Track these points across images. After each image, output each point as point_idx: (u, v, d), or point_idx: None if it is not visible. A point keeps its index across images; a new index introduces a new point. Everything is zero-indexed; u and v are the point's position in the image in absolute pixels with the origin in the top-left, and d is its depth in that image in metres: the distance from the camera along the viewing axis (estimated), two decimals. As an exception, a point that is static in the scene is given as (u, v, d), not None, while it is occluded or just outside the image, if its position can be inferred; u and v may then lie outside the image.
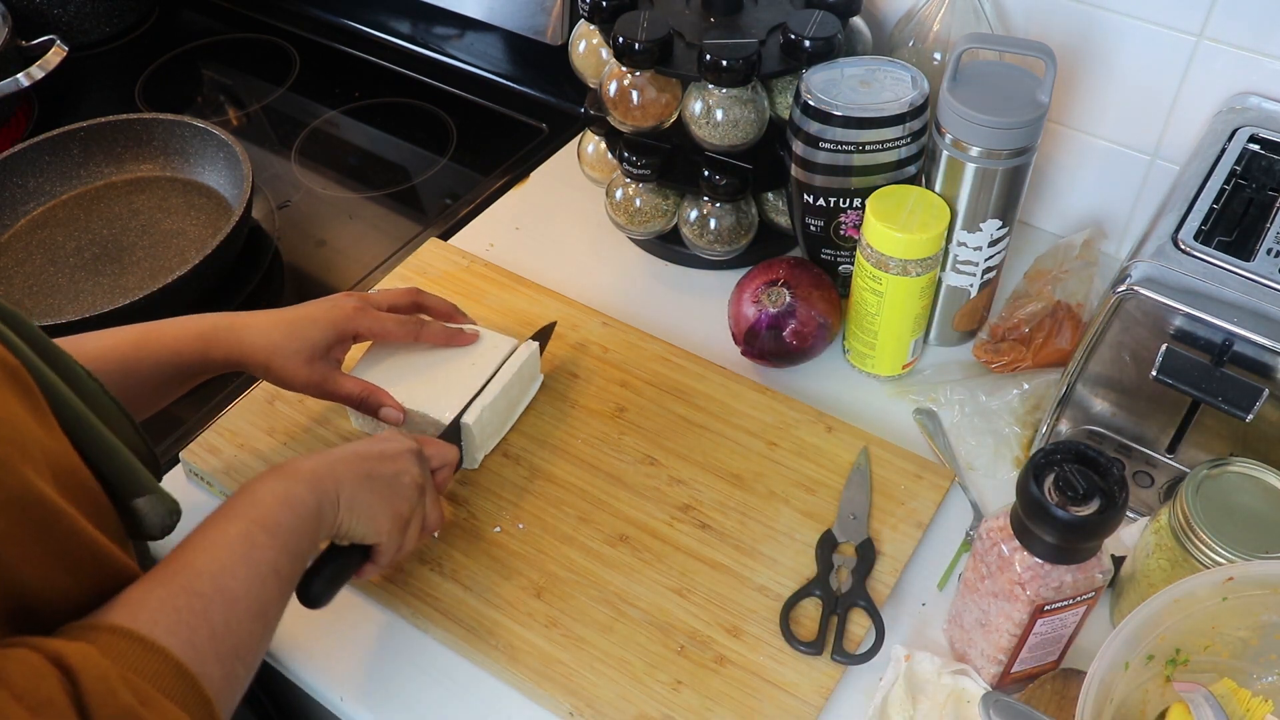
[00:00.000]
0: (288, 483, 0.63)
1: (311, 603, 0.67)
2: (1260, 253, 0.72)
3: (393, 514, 0.69)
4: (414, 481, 0.71)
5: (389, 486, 0.69)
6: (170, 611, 0.52)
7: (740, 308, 0.91)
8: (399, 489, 0.70)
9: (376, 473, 0.69)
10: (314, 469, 0.65)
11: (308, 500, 0.63)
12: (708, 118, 0.90)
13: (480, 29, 1.31)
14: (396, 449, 0.71)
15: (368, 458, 0.69)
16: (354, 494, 0.66)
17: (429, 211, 1.18)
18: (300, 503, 0.62)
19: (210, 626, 0.53)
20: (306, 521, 0.62)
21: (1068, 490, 0.60)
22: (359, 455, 0.69)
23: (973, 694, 0.70)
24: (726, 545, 0.80)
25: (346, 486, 0.66)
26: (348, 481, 0.66)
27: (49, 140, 1.16)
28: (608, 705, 0.72)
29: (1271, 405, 0.68)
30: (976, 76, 0.83)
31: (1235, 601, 0.62)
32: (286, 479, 0.63)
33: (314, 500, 0.63)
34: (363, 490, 0.67)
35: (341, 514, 0.65)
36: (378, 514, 0.68)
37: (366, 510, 0.67)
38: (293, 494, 0.62)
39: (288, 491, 0.62)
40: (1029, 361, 0.91)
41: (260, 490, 0.62)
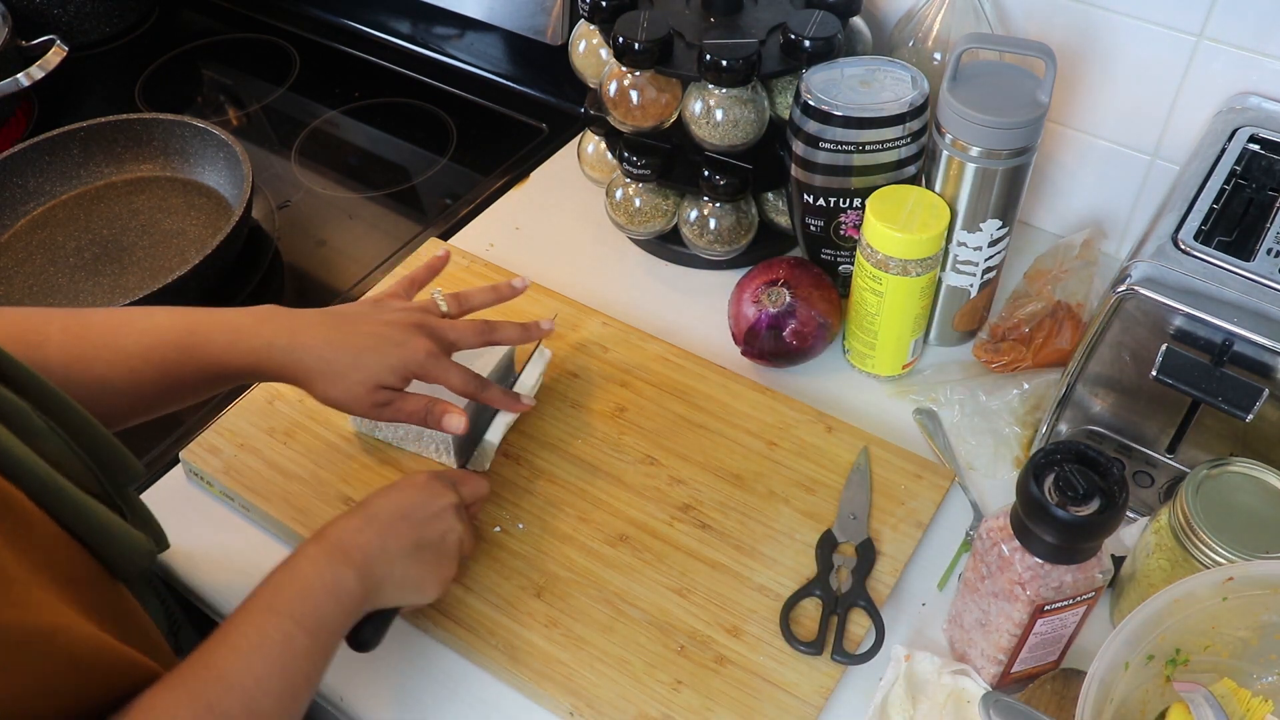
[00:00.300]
0: (338, 570, 0.60)
1: (361, 648, 0.66)
2: (1260, 253, 0.72)
3: (440, 580, 0.69)
4: (459, 539, 0.70)
5: (437, 553, 0.68)
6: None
7: (740, 308, 0.91)
8: (446, 552, 0.69)
9: (425, 540, 0.67)
10: (366, 549, 0.63)
11: (356, 592, 0.61)
12: (708, 118, 0.90)
13: (480, 29, 1.31)
14: (440, 505, 0.69)
15: (415, 522, 0.67)
16: (405, 570, 0.65)
17: (429, 211, 1.18)
18: (349, 595, 0.60)
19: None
20: (351, 613, 0.61)
21: (1068, 490, 0.60)
22: (406, 519, 0.66)
23: (973, 694, 0.70)
24: (726, 545, 0.80)
25: (398, 565, 0.64)
26: (399, 559, 0.65)
27: (49, 140, 1.16)
28: (608, 705, 0.72)
29: (1271, 405, 0.68)
30: (976, 76, 0.83)
31: (1235, 601, 0.62)
32: (337, 563, 0.61)
33: (362, 590, 0.61)
34: (413, 564, 0.66)
35: (387, 591, 0.64)
36: (426, 585, 0.67)
37: (415, 584, 0.66)
38: (342, 585, 0.60)
39: (337, 582, 0.60)
40: (1029, 361, 0.91)
41: (308, 574, 0.59)
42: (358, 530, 0.64)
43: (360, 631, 0.66)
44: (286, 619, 0.56)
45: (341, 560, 0.61)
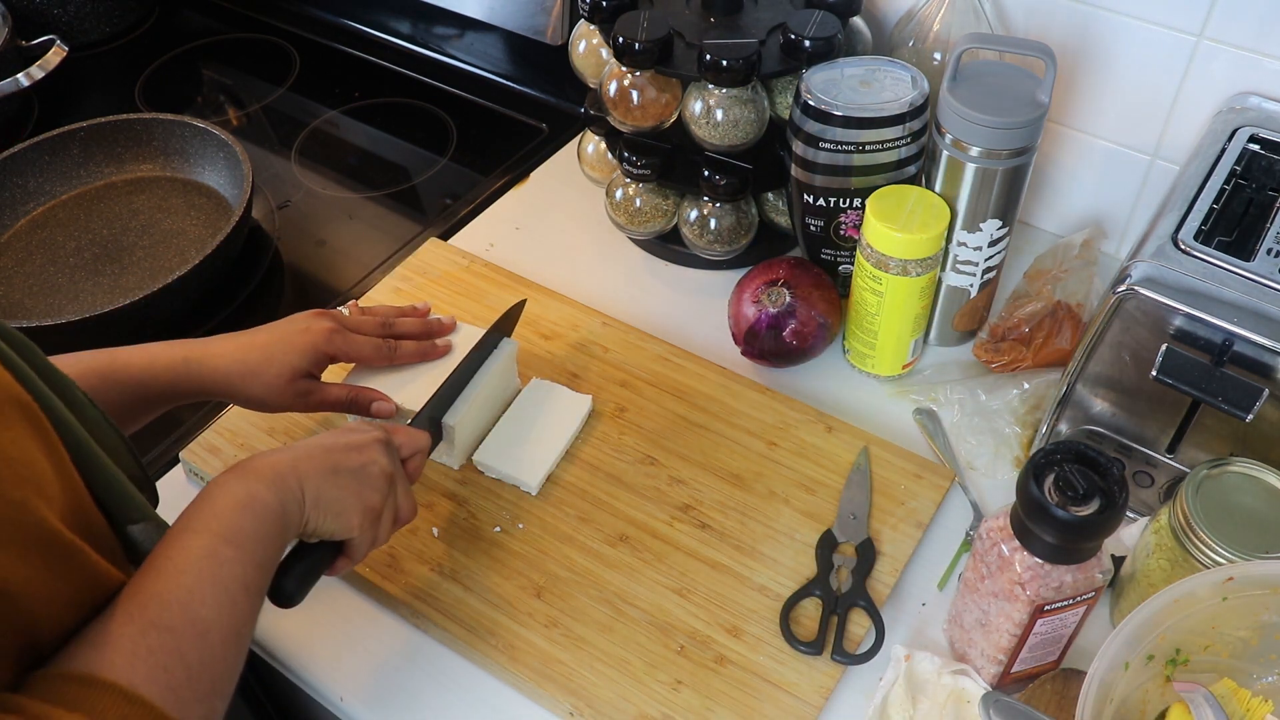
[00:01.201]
0: (249, 484, 0.60)
1: (284, 602, 0.64)
2: (1260, 253, 0.72)
3: (363, 507, 0.66)
4: (383, 471, 0.68)
5: (357, 479, 0.66)
6: (144, 654, 0.49)
7: (740, 308, 0.91)
8: (368, 480, 0.67)
9: (343, 465, 0.66)
10: (275, 466, 0.62)
11: (270, 502, 0.60)
12: (708, 118, 0.90)
13: (480, 29, 1.31)
14: (363, 439, 0.68)
15: (333, 450, 0.66)
16: (320, 489, 0.63)
17: (429, 211, 1.18)
18: (263, 506, 0.59)
19: (186, 666, 0.51)
20: (271, 526, 0.59)
21: (1068, 490, 0.60)
22: (324, 448, 0.66)
23: (973, 694, 0.70)
24: (726, 545, 0.80)
25: (311, 482, 0.63)
26: (312, 477, 0.63)
27: (49, 140, 1.16)
28: (608, 705, 0.72)
29: (1271, 405, 0.68)
30: (976, 76, 0.83)
31: (1235, 601, 0.62)
32: (247, 480, 0.60)
33: (277, 501, 0.60)
34: (329, 485, 0.64)
35: (308, 512, 0.62)
36: (347, 508, 0.65)
37: (335, 505, 0.64)
38: (255, 497, 0.59)
39: (249, 495, 0.59)
40: (1029, 361, 0.91)
41: (220, 496, 0.59)
42: (270, 454, 0.63)
43: (283, 584, 0.63)
44: (205, 534, 0.56)
45: (251, 476, 0.60)
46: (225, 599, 0.54)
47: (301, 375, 0.78)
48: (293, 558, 0.65)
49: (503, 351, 0.87)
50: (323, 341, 0.78)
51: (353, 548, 0.67)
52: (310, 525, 0.63)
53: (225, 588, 0.55)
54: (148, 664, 0.49)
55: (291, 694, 0.83)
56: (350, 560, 0.68)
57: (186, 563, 0.54)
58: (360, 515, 0.66)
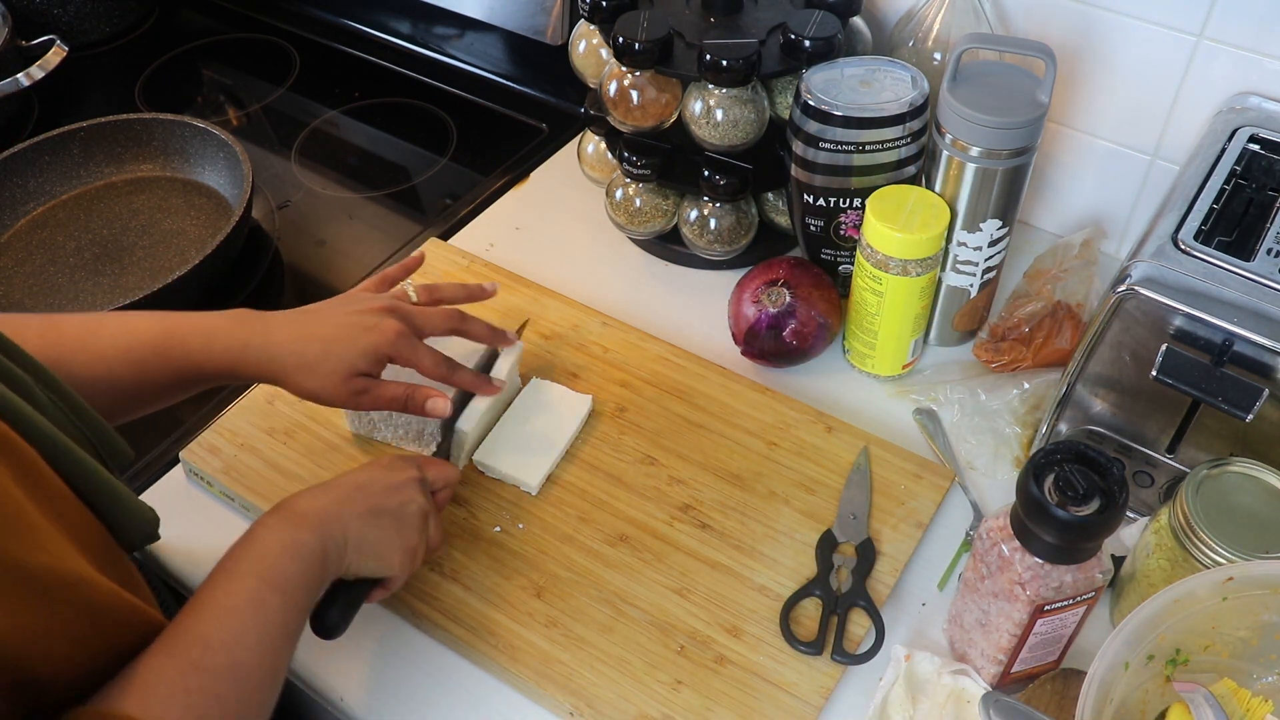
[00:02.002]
0: (294, 531, 0.61)
1: (327, 634, 0.66)
2: (1260, 253, 0.72)
3: (403, 548, 0.68)
4: (420, 510, 0.70)
5: (396, 520, 0.68)
6: (182, 694, 0.50)
7: (740, 308, 0.91)
8: (406, 520, 0.69)
9: (383, 508, 0.67)
10: (320, 513, 0.63)
11: (315, 548, 0.61)
12: (708, 118, 0.90)
13: (480, 29, 1.31)
14: (400, 479, 0.70)
15: (372, 491, 0.67)
16: (362, 534, 0.65)
17: (429, 211, 1.18)
18: (309, 552, 0.60)
19: (223, 708, 0.51)
20: (314, 572, 0.61)
21: (1068, 490, 0.60)
22: (362, 489, 0.67)
23: (973, 694, 0.70)
24: (726, 545, 0.80)
25: (354, 527, 0.64)
26: (354, 522, 0.65)
27: (49, 140, 1.16)
28: (608, 705, 0.72)
29: (1271, 405, 0.68)
30: (976, 76, 0.83)
31: (1235, 601, 0.62)
32: (293, 526, 0.61)
33: (320, 547, 0.61)
34: (371, 528, 0.65)
35: (349, 557, 0.64)
36: (387, 551, 0.67)
37: (375, 549, 0.66)
38: (300, 543, 0.60)
39: (295, 541, 0.60)
40: (1029, 361, 0.91)
41: (266, 539, 0.60)
42: (312, 497, 0.64)
43: (325, 615, 0.65)
44: (252, 579, 0.57)
45: (296, 523, 0.61)
46: (267, 644, 0.56)
47: (358, 374, 0.74)
48: (333, 592, 0.66)
49: (510, 355, 0.87)
50: (387, 345, 0.74)
51: (391, 580, 0.69)
52: (352, 568, 0.65)
53: (268, 634, 0.56)
54: (184, 704, 0.50)
55: (291, 694, 0.83)
56: (386, 590, 0.69)
57: (232, 606, 0.55)
58: (400, 555, 0.68)
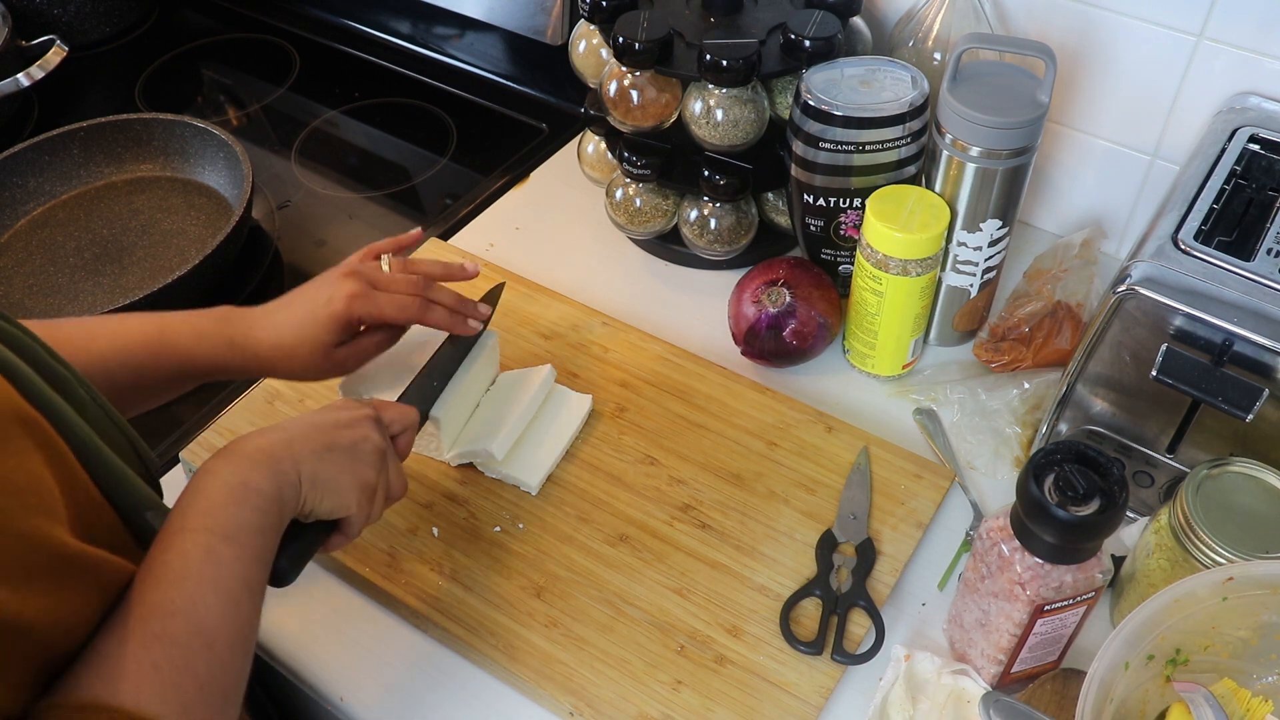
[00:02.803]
0: (242, 471, 0.58)
1: (278, 581, 0.62)
2: (1260, 253, 0.72)
3: (359, 485, 0.65)
4: (376, 448, 0.67)
5: (350, 456, 0.65)
6: (150, 670, 0.48)
7: (740, 308, 0.91)
8: (361, 457, 0.66)
9: (336, 443, 0.64)
10: (269, 450, 0.60)
11: (266, 489, 0.58)
12: (708, 118, 0.90)
13: (480, 29, 1.31)
14: (353, 416, 0.67)
15: (324, 428, 0.65)
16: (315, 470, 0.62)
17: (429, 211, 1.18)
18: (259, 494, 0.57)
19: (195, 678, 0.50)
20: (268, 515, 0.58)
21: (1068, 490, 0.60)
22: (315, 426, 0.64)
23: (973, 694, 0.70)
24: (726, 545, 0.80)
25: (306, 463, 0.61)
26: (307, 457, 0.61)
27: (49, 140, 1.16)
28: (608, 705, 0.72)
29: (1271, 405, 0.68)
30: (976, 76, 0.83)
31: (1235, 601, 0.62)
32: (240, 466, 0.58)
33: (273, 487, 0.58)
34: (324, 464, 0.62)
35: (305, 493, 0.61)
36: (343, 487, 0.63)
37: (331, 485, 0.62)
38: (249, 485, 0.57)
39: (243, 484, 0.57)
40: (1029, 361, 0.91)
41: (213, 486, 0.56)
42: (260, 436, 0.62)
43: (277, 562, 0.61)
44: (202, 533, 0.54)
45: (244, 463, 0.58)
46: (228, 602, 0.53)
47: (334, 346, 0.76)
48: (287, 537, 0.62)
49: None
50: (344, 309, 0.75)
51: (348, 525, 0.66)
52: (307, 506, 0.61)
53: (227, 590, 0.53)
54: (155, 682, 0.48)
55: (291, 694, 0.83)
56: (345, 537, 0.66)
57: (185, 568, 0.53)
58: (357, 493, 0.65)
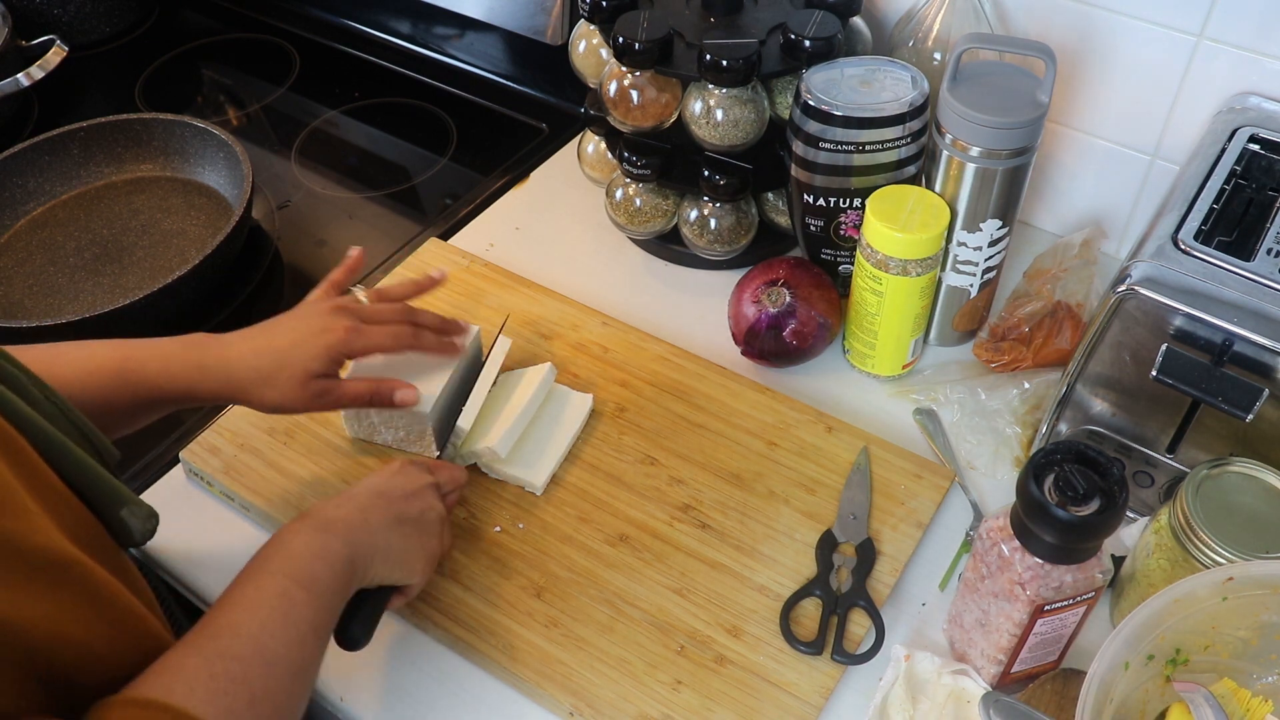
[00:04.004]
0: (323, 536, 0.62)
1: (351, 646, 0.66)
2: (1260, 253, 0.72)
3: (425, 555, 0.70)
4: (439, 517, 0.72)
5: (418, 528, 0.69)
6: (206, 679, 0.51)
7: (740, 308, 0.91)
8: (427, 528, 0.70)
9: (405, 515, 0.68)
10: (347, 521, 0.64)
11: (342, 554, 0.62)
12: (708, 118, 0.90)
13: (480, 29, 1.31)
14: (417, 485, 0.71)
15: (392, 499, 0.69)
16: (388, 542, 0.66)
17: (429, 211, 1.18)
18: (336, 557, 0.62)
19: (250, 692, 0.52)
20: (341, 576, 0.62)
21: (1068, 490, 0.60)
22: (384, 497, 0.68)
23: (973, 694, 0.70)
24: (726, 545, 0.80)
25: (379, 536, 0.66)
26: (379, 530, 0.66)
27: (49, 140, 1.16)
28: (608, 705, 0.72)
29: (1271, 405, 0.68)
30: (976, 76, 0.83)
31: (1235, 601, 0.62)
32: (320, 532, 0.62)
33: (348, 554, 0.63)
34: (395, 536, 0.67)
35: (375, 564, 0.65)
36: (411, 558, 0.68)
37: (400, 557, 0.67)
38: (329, 549, 0.62)
39: (324, 546, 0.62)
40: (1029, 361, 0.91)
41: (295, 544, 0.61)
42: (337, 506, 0.66)
43: (349, 627, 0.66)
44: (281, 577, 0.58)
45: (324, 529, 0.63)
46: (294, 637, 0.56)
47: (316, 377, 0.75)
48: (356, 602, 0.66)
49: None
50: (339, 343, 0.75)
51: (411, 588, 0.70)
52: (378, 577, 0.66)
53: (295, 626, 0.57)
54: (208, 688, 0.50)
55: (291, 694, 0.83)
56: (405, 598, 0.71)
57: (260, 600, 0.56)
58: (422, 562, 0.70)
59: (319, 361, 0.75)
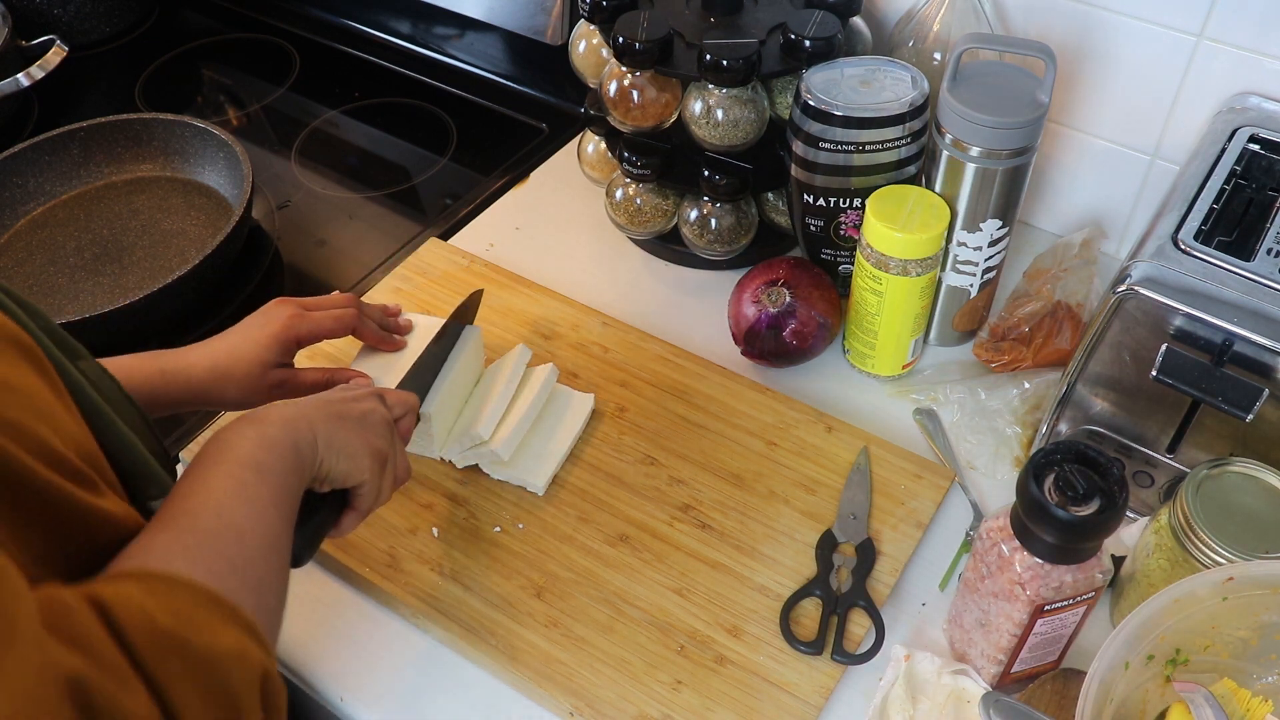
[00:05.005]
0: (260, 426, 0.61)
1: (293, 562, 0.62)
2: (1260, 253, 0.72)
3: (371, 450, 0.67)
4: (384, 419, 0.69)
5: (361, 424, 0.67)
6: (181, 550, 0.49)
7: (740, 308, 0.91)
8: (372, 425, 0.68)
9: (347, 413, 0.67)
10: (283, 414, 0.63)
11: (283, 440, 0.61)
12: (708, 118, 0.90)
13: (480, 29, 1.31)
14: (360, 392, 0.71)
15: (333, 401, 0.68)
16: (330, 433, 0.64)
17: (429, 211, 1.18)
18: (277, 443, 0.60)
19: (228, 559, 0.51)
20: (287, 461, 0.60)
21: (1068, 490, 0.60)
22: (324, 400, 0.67)
23: (973, 694, 0.70)
24: (726, 545, 0.80)
25: (321, 427, 0.64)
26: (320, 422, 0.64)
27: (49, 140, 1.16)
28: (608, 705, 0.72)
29: (1271, 405, 0.68)
30: (976, 76, 0.83)
31: (1235, 601, 0.62)
32: (257, 424, 0.61)
33: (290, 440, 0.61)
34: (338, 429, 0.65)
35: (321, 452, 0.63)
36: (356, 450, 0.66)
37: (345, 447, 0.65)
38: (267, 436, 0.60)
39: (261, 434, 0.60)
40: (1029, 361, 0.91)
41: (232, 437, 0.59)
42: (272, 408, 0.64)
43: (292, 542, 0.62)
44: (231, 465, 0.57)
45: (262, 424, 0.61)
46: (256, 512, 0.55)
47: (272, 367, 0.77)
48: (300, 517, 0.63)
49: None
50: (283, 328, 0.78)
51: (360, 498, 0.67)
52: (323, 467, 0.64)
53: (255, 503, 0.55)
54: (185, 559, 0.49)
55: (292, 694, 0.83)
56: (358, 513, 0.68)
57: (212, 485, 0.55)
58: (370, 458, 0.67)
59: (270, 351, 0.77)
